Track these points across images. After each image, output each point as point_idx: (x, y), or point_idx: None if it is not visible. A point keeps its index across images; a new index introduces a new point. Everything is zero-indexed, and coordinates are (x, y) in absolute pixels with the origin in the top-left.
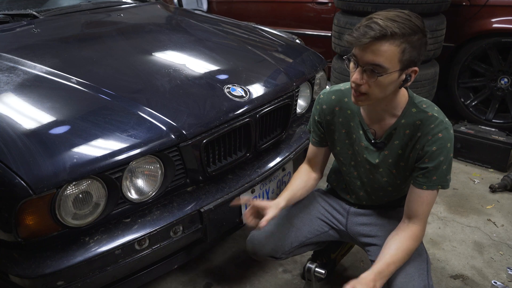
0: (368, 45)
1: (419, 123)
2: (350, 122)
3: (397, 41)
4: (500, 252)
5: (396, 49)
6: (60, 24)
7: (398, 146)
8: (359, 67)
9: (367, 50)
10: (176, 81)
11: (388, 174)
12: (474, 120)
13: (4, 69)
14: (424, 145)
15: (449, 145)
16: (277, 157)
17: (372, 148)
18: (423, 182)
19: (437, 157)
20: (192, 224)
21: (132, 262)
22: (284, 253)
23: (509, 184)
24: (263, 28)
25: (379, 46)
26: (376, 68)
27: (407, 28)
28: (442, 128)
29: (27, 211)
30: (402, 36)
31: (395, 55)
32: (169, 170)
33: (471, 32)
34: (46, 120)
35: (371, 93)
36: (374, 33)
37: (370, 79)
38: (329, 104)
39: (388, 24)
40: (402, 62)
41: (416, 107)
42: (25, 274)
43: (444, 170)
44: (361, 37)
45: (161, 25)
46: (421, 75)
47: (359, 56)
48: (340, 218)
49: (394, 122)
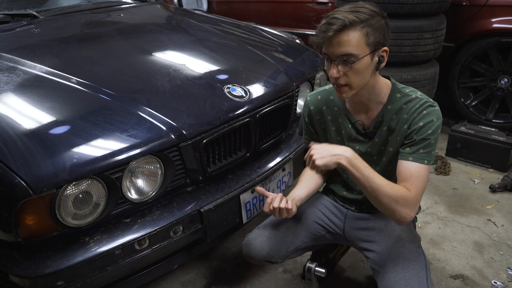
0: (332, 39)
1: (405, 107)
2: (338, 119)
3: (358, 27)
4: (500, 252)
5: (359, 34)
6: (60, 24)
7: (386, 132)
8: (332, 62)
9: (333, 44)
10: (176, 81)
11: (379, 162)
12: (474, 120)
13: (4, 69)
14: (411, 123)
15: (435, 119)
16: (277, 157)
17: (362, 138)
18: (409, 153)
19: (425, 131)
20: (192, 224)
21: (132, 262)
22: (280, 258)
23: (509, 184)
24: (263, 28)
25: (342, 36)
26: (347, 57)
27: (364, 14)
28: (427, 106)
29: (27, 211)
30: (361, 22)
31: (360, 40)
32: (169, 170)
33: (471, 32)
34: (46, 120)
35: (351, 82)
36: (336, 26)
37: (345, 69)
38: (316, 104)
39: (345, 15)
40: (370, 45)
41: (399, 92)
42: (25, 274)
43: (432, 144)
44: (324, 34)
45: (161, 25)
46: (421, 75)
47: (329, 52)
48: (337, 222)
49: (380, 109)
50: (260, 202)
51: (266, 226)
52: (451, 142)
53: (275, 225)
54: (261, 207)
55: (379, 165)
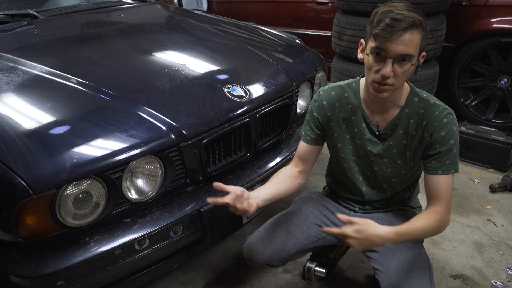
0: (397, 36)
1: (423, 112)
2: (351, 117)
3: (420, 29)
4: (500, 252)
5: (420, 36)
6: (60, 24)
7: (402, 135)
8: (388, 59)
9: (397, 42)
10: (176, 81)
11: (392, 164)
12: (474, 120)
13: (4, 69)
14: (432, 132)
15: (455, 128)
16: (277, 157)
17: (375, 140)
18: (437, 167)
19: (448, 141)
20: (192, 224)
21: (132, 262)
22: (281, 261)
23: (509, 184)
24: (263, 28)
25: (408, 36)
26: (406, 57)
27: (422, 16)
28: (446, 114)
29: (27, 211)
30: (421, 24)
31: (419, 42)
32: (169, 170)
33: (471, 32)
34: (46, 120)
35: (396, 83)
36: (405, 23)
37: (400, 69)
38: (330, 100)
39: (410, 14)
40: (421, 48)
41: (417, 96)
42: (25, 274)
43: (455, 154)
44: (391, 29)
45: (161, 25)
46: (421, 75)
47: (388, 49)
48: (338, 223)
49: (398, 112)
50: None
51: (267, 229)
52: None
53: (276, 228)
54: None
55: (392, 168)
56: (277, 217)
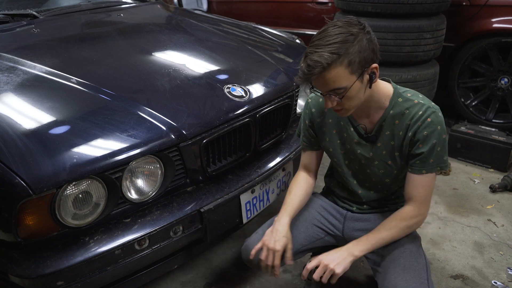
0: (316, 79)
1: (407, 112)
2: (340, 122)
3: (337, 62)
4: (500, 252)
5: (341, 68)
6: (60, 24)
7: (389, 137)
8: (324, 96)
9: (319, 83)
10: (176, 81)
11: (384, 166)
12: (474, 120)
13: (4, 69)
14: (415, 132)
15: (440, 127)
16: (277, 157)
17: (364, 142)
18: (421, 167)
19: (430, 141)
20: (192, 224)
21: (132, 262)
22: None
23: (509, 184)
24: (263, 28)
25: (324, 77)
26: (336, 91)
27: (340, 44)
28: (430, 113)
29: (27, 211)
30: (340, 56)
31: (344, 73)
32: (169, 170)
33: (471, 32)
34: (46, 120)
35: (347, 107)
36: (318, 69)
37: (337, 101)
38: (318, 107)
39: (321, 55)
40: (355, 71)
41: (401, 96)
42: (25, 274)
43: (440, 152)
44: (306, 76)
45: (161, 25)
46: (421, 75)
47: (318, 88)
48: (336, 223)
49: (382, 114)
50: (260, 202)
51: (264, 230)
52: (451, 142)
53: None
54: (261, 207)
55: (384, 169)
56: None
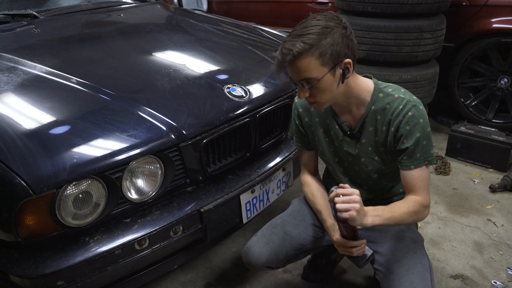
0: (290, 67)
1: (388, 107)
2: (326, 120)
3: (309, 53)
4: (500, 252)
5: (311, 59)
6: (60, 24)
7: (373, 132)
8: (297, 84)
9: (292, 71)
10: (176, 81)
11: (371, 162)
12: (474, 120)
13: (4, 69)
14: (398, 127)
15: (422, 120)
16: (277, 157)
17: (349, 139)
18: (409, 162)
19: (414, 134)
20: (192, 224)
21: (132, 262)
22: (280, 263)
23: (509, 184)
24: (263, 28)
25: (296, 65)
26: (308, 81)
27: (313, 36)
28: (411, 107)
29: (27, 211)
30: (311, 47)
31: (314, 64)
32: (169, 170)
33: (471, 32)
34: (46, 120)
35: (319, 99)
36: (290, 57)
37: (309, 91)
38: (304, 106)
39: (293, 44)
40: (327, 64)
41: (382, 92)
42: (25, 274)
43: (426, 145)
44: (280, 64)
45: (161, 25)
46: (421, 75)
47: (291, 76)
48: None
49: (364, 110)
50: (260, 202)
51: (264, 232)
52: (451, 142)
53: (273, 231)
54: (261, 207)
55: (371, 165)
56: (274, 220)
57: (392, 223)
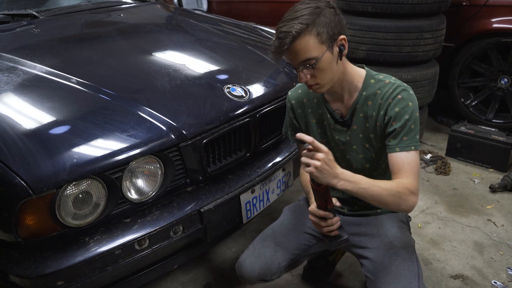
0: (288, 51)
1: (379, 92)
2: (318, 110)
3: (306, 31)
4: (500, 252)
5: (311, 37)
6: (60, 24)
7: (363, 118)
8: (297, 69)
9: (291, 55)
10: (176, 81)
11: (362, 149)
12: (474, 120)
13: (4, 69)
14: (387, 110)
15: (411, 104)
16: (277, 157)
17: (340, 127)
18: (395, 144)
19: (402, 117)
20: (192, 224)
21: (132, 262)
22: (274, 275)
23: (509, 184)
24: (263, 28)
25: (296, 46)
26: (308, 62)
27: (307, 16)
28: (401, 90)
29: (27, 211)
30: (308, 26)
31: (314, 42)
32: (169, 170)
33: (471, 32)
34: (46, 120)
35: (320, 81)
36: (288, 39)
37: (310, 72)
38: (297, 98)
39: (291, 26)
40: (325, 41)
41: (373, 78)
42: (25, 274)
43: (413, 130)
44: (279, 49)
45: (161, 25)
46: (421, 75)
47: (291, 62)
48: None
49: (356, 96)
50: (260, 202)
51: (255, 245)
52: (451, 142)
53: (264, 243)
54: (261, 207)
55: (363, 153)
56: (265, 231)
57: (369, 197)
